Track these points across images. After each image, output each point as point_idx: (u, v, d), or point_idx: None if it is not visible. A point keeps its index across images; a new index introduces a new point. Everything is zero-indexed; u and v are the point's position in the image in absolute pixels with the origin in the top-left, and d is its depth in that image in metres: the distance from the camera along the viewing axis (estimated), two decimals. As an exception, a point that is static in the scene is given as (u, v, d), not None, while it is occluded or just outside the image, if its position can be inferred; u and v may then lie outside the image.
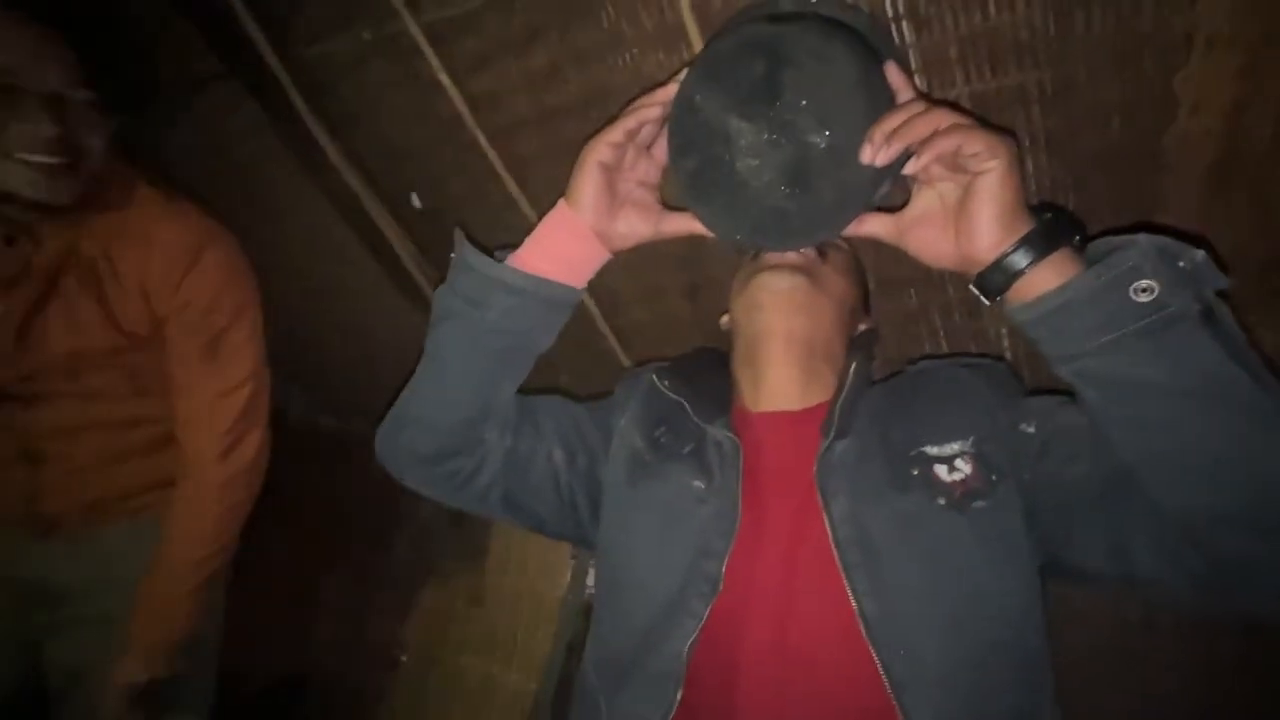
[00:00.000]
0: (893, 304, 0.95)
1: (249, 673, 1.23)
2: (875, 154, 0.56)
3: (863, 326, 0.84)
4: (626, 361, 1.23)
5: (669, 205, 0.71)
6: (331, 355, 1.66)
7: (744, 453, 0.69)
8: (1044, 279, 0.54)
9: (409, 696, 1.46)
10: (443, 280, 0.73)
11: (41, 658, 0.97)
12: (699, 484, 0.69)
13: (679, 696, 0.61)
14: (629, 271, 1.07)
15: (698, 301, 1.08)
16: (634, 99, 0.67)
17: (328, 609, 1.62)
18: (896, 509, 0.64)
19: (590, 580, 1.37)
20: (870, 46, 0.62)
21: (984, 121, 0.56)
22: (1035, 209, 0.57)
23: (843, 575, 0.62)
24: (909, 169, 0.58)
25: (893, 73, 0.61)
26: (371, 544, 1.66)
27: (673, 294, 1.09)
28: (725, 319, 0.84)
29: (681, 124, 0.63)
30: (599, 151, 0.65)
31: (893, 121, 0.56)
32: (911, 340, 0.98)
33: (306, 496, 1.43)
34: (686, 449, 0.72)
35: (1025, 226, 0.56)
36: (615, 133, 0.64)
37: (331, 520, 1.68)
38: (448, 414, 0.72)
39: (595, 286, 0.76)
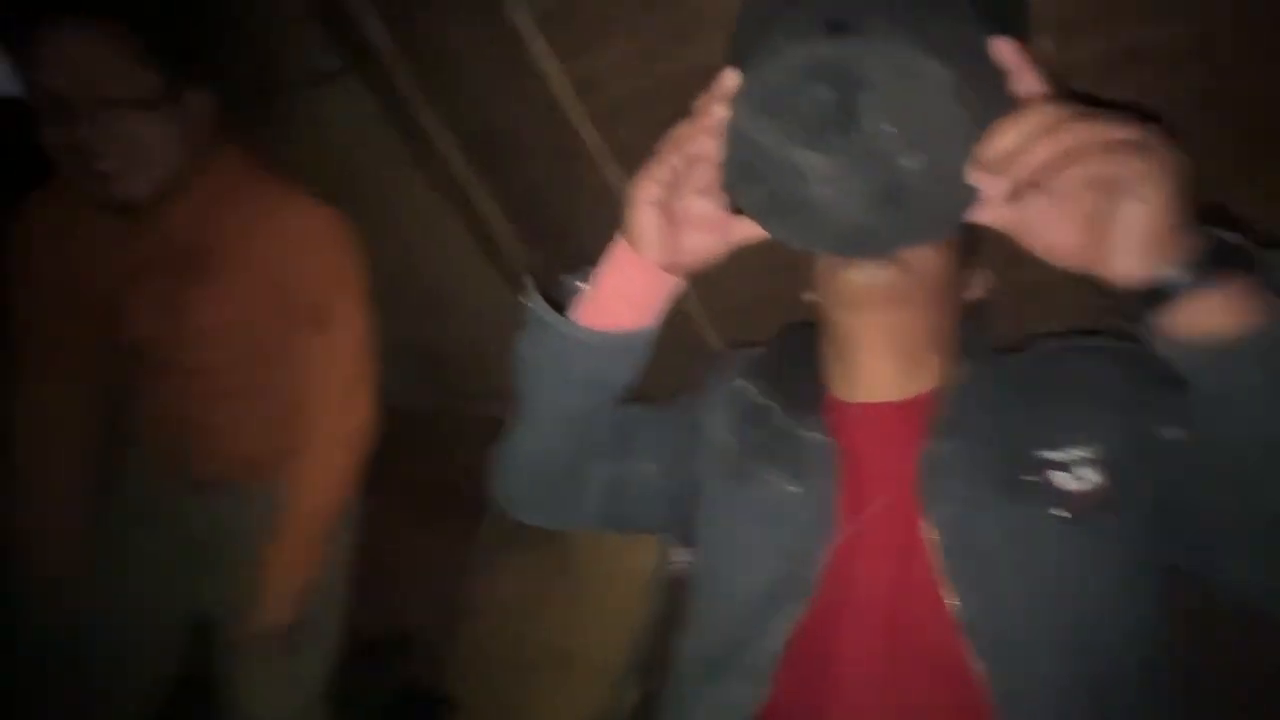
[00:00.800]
0: (1009, 276, 0.90)
1: (354, 627, 1.33)
2: (985, 180, 0.47)
3: (972, 294, 0.75)
4: (710, 335, 1.24)
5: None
6: (431, 339, 1.75)
7: (840, 452, 0.66)
8: (1209, 314, 0.45)
9: (498, 659, 1.54)
10: (538, 276, 0.74)
11: (202, 595, 1.08)
12: (793, 489, 0.67)
13: (768, 694, 0.62)
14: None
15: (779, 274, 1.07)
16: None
17: (422, 573, 1.72)
18: (1007, 518, 0.59)
19: (675, 556, 1.40)
20: (972, 13, 0.50)
21: (1133, 115, 0.44)
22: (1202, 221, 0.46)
23: (945, 588, 0.58)
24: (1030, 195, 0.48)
25: (1007, 52, 0.48)
26: (463, 514, 1.75)
27: (756, 268, 1.09)
28: (810, 295, 0.78)
29: (738, 158, 0.53)
30: (647, 191, 0.58)
31: (1006, 141, 0.44)
32: (1031, 316, 0.89)
33: (404, 469, 1.51)
34: (779, 451, 0.69)
35: (1187, 248, 0.45)
36: (662, 170, 0.57)
37: (426, 491, 1.78)
38: (548, 463, 0.73)
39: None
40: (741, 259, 1.14)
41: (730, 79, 0.52)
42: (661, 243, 0.60)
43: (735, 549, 0.70)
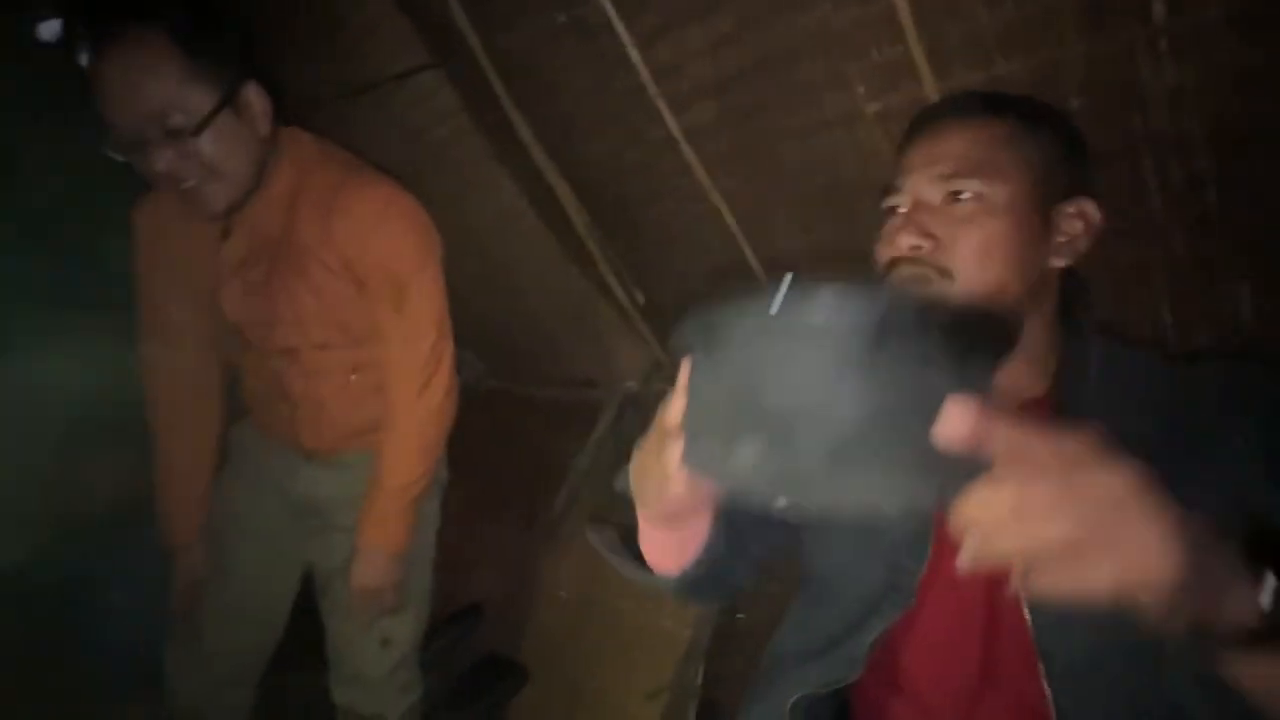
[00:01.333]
0: (1103, 254, 0.86)
1: (436, 597, 1.39)
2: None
3: (1058, 261, 0.65)
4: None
5: None
6: (503, 323, 1.82)
7: None
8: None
9: (568, 632, 1.60)
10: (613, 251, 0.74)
11: (310, 558, 1.17)
12: None
13: (855, 678, 0.65)
14: (799, 229, 1.09)
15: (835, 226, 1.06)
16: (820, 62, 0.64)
17: (496, 549, 1.79)
18: None
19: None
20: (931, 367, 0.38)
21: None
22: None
23: (1032, 632, 0.58)
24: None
25: (957, 417, 0.36)
26: (534, 493, 1.82)
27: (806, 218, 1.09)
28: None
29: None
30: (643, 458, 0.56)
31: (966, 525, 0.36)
32: (1130, 302, 0.87)
33: (476, 448, 1.57)
34: None
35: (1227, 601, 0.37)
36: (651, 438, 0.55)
37: (497, 471, 1.85)
38: (696, 593, 0.73)
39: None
40: (790, 209, 1.16)
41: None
42: (659, 499, 0.55)
43: (837, 560, 0.71)
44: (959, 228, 0.62)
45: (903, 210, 0.66)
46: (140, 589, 1.10)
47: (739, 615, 1.38)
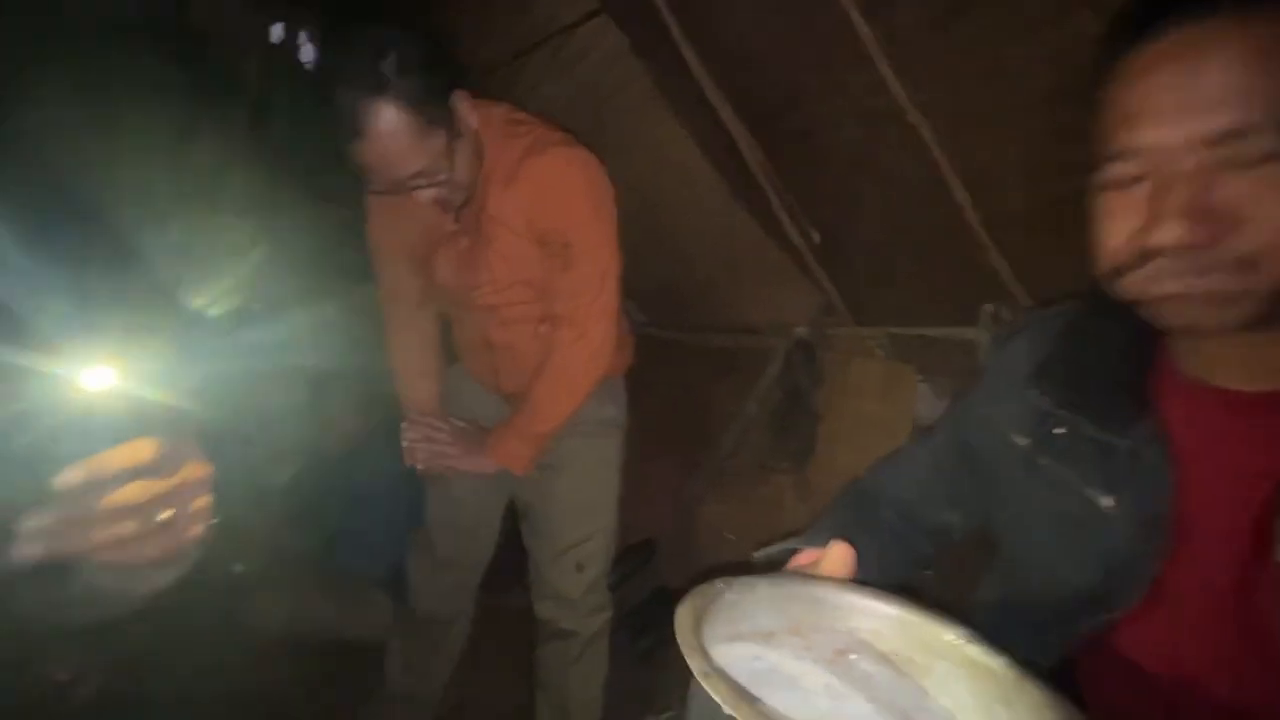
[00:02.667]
0: None
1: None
2: None
3: None
4: (993, 254, 1.14)
5: None
6: (666, 272, 1.84)
7: (1170, 460, 0.53)
8: None
9: (742, 574, 1.63)
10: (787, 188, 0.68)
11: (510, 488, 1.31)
12: (1107, 501, 0.57)
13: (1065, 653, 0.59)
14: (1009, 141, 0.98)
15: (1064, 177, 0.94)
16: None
17: (665, 491, 1.86)
18: None
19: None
20: None
21: None
22: None
23: None
24: None
25: None
26: (700, 439, 1.85)
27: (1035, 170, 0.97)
28: None
29: None
30: None
31: None
32: None
33: (643, 395, 1.62)
34: (1087, 455, 0.58)
35: None
36: None
37: (664, 417, 1.89)
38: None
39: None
40: (1017, 161, 1.04)
41: None
42: None
43: (1043, 543, 0.63)
44: (1263, 195, 0.44)
45: (1146, 179, 0.47)
46: (378, 506, 1.28)
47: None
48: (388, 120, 0.93)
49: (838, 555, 0.52)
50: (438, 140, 0.99)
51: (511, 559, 1.34)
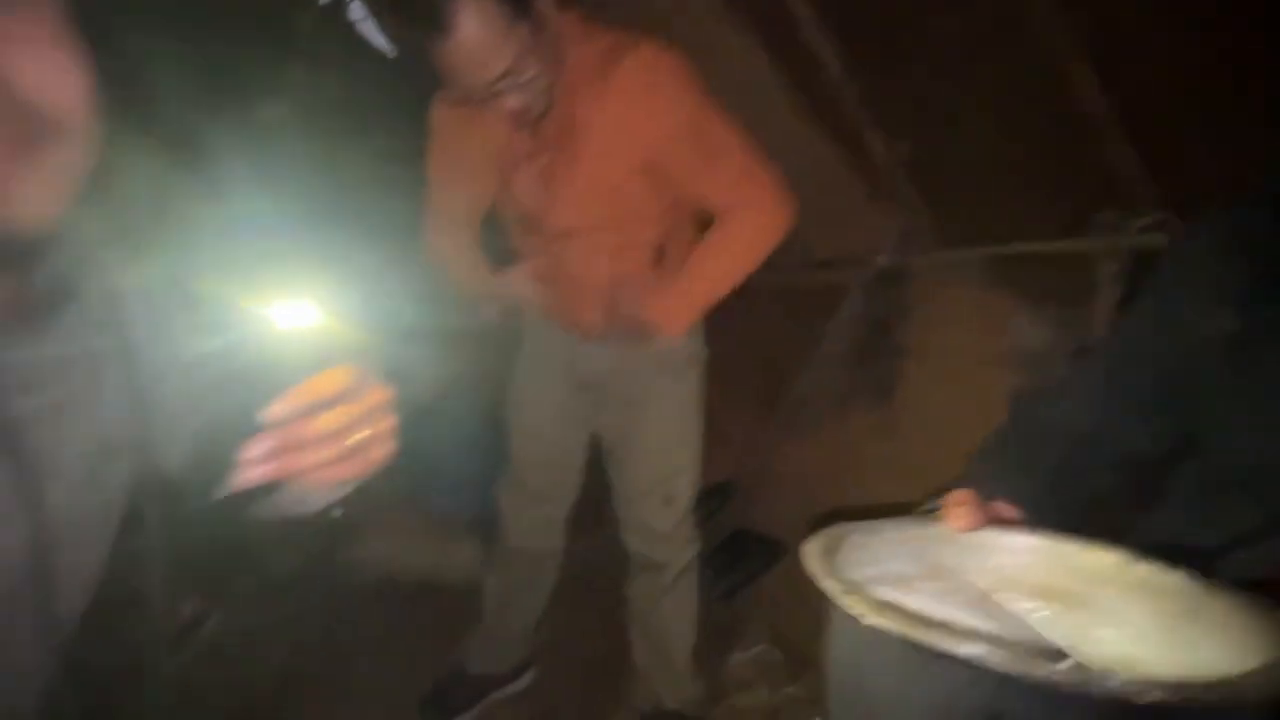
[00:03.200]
0: None
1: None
2: None
3: None
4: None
5: None
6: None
7: None
8: None
9: (824, 517, 1.59)
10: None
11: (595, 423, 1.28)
12: None
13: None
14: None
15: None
16: None
17: (738, 434, 1.82)
18: None
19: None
20: None
21: None
22: None
23: None
24: None
25: None
26: (774, 380, 1.79)
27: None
28: None
29: None
30: None
31: None
32: None
33: (713, 337, 1.57)
34: None
35: None
36: None
37: (737, 358, 1.84)
38: None
39: None
40: (1150, 29, 0.89)
41: None
42: None
43: (1242, 445, 0.57)
44: None
45: None
46: (464, 450, 1.29)
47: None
48: (472, 12, 0.88)
49: (960, 498, 0.48)
50: (523, 35, 0.92)
51: (591, 500, 1.34)
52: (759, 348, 1.82)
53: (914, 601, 0.45)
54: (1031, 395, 0.71)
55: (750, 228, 1.08)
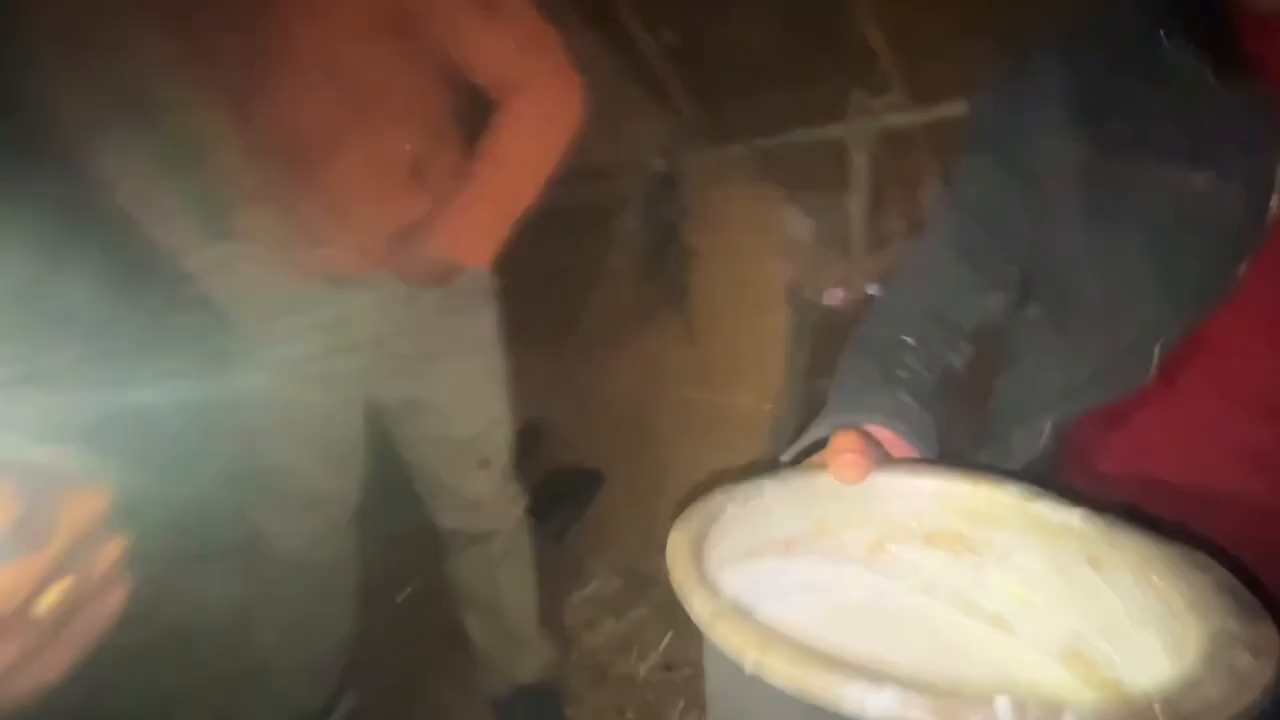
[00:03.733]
0: None
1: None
2: None
3: None
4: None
5: None
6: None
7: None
8: None
9: (637, 434, 1.55)
10: None
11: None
12: (1202, 178, 0.51)
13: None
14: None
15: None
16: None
17: (537, 368, 1.69)
18: None
19: (825, 296, 1.32)
20: None
21: None
22: None
23: None
24: None
25: None
26: (565, 305, 1.68)
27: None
28: None
29: None
30: None
31: None
32: None
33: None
34: (1170, 134, 0.53)
35: None
36: None
37: (521, 290, 1.68)
38: None
39: None
40: None
41: None
42: None
43: (1095, 285, 0.57)
44: None
45: None
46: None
47: (820, 381, 1.33)
48: None
49: (843, 444, 0.43)
50: None
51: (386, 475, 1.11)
52: (542, 270, 1.69)
53: (801, 567, 0.42)
54: (880, 296, 0.68)
55: (546, 109, 0.88)
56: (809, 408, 1.35)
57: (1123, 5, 0.57)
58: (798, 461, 0.52)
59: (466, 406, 1.03)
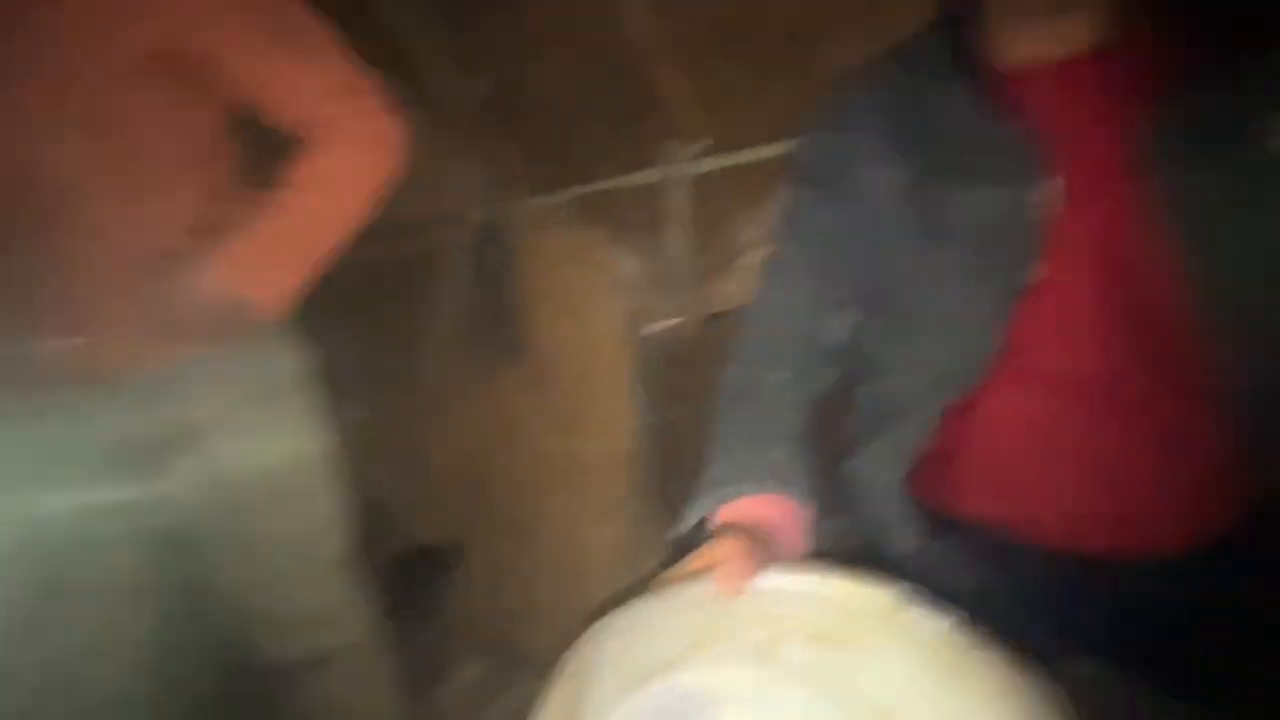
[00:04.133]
0: None
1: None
2: None
3: None
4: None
5: None
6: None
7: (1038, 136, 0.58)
8: None
9: (491, 490, 1.45)
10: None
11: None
12: (995, 195, 0.60)
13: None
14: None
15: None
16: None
17: (381, 433, 1.52)
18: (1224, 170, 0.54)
19: (661, 325, 1.36)
20: None
21: None
22: None
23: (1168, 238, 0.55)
24: None
25: None
26: (394, 365, 1.55)
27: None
28: None
29: None
30: None
31: None
32: None
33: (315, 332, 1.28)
34: (964, 159, 0.62)
35: None
36: None
37: (349, 352, 1.53)
38: None
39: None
40: None
41: None
42: None
43: (928, 293, 0.63)
44: None
45: None
46: None
47: (673, 412, 1.35)
48: None
49: (724, 553, 0.45)
50: None
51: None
52: (363, 333, 1.54)
53: (687, 679, 0.42)
54: (744, 332, 0.70)
55: (360, 144, 0.78)
56: (665, 442, 1.37)
57: (913, 56, 0.66)
58: (684, 540, 0.53)
59: (288, 500, 0.88)
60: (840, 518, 0.66)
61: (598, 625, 0.42)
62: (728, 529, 0.49)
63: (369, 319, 1.57)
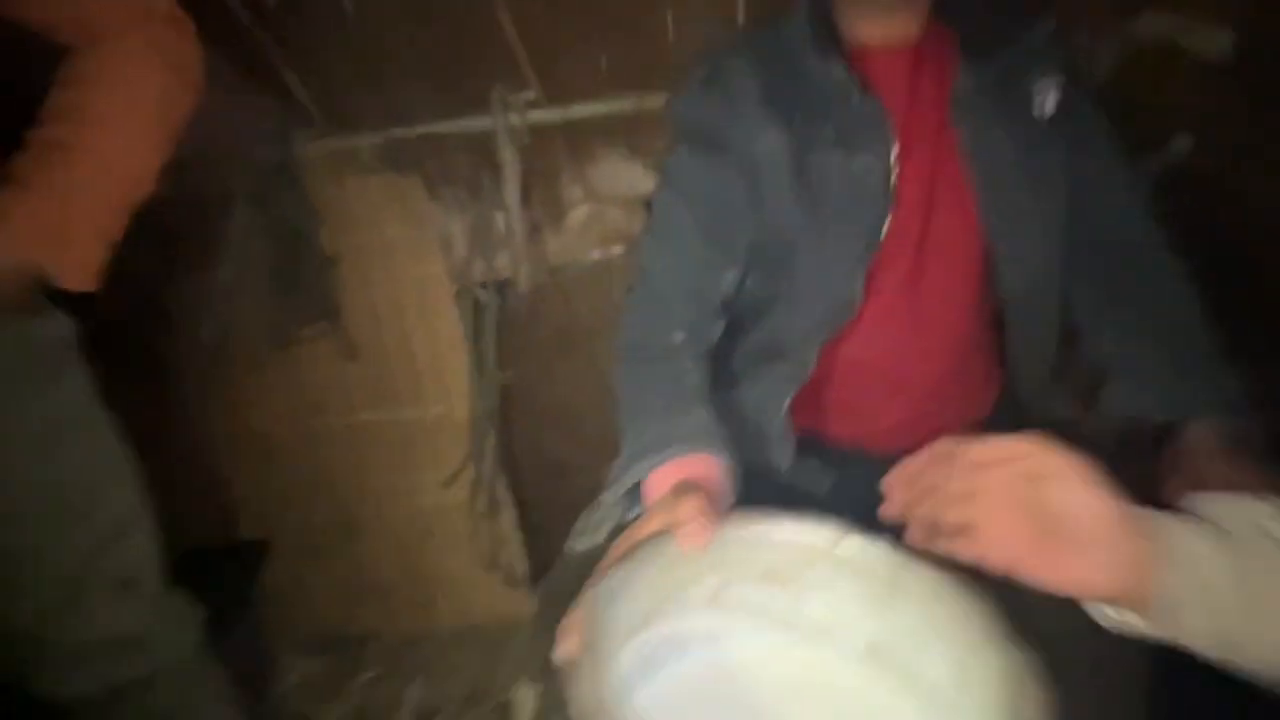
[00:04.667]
0: None
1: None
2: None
3: None
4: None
5: None
6: None
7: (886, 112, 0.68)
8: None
9: (306, 480, 1.30)
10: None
11: None
12: (857, 160, 0.70)
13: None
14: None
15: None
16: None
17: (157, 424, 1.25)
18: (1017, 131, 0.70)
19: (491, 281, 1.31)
20: None
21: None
22: None
23: (971, 192, 0.70)
24: None
25: None
26: (173, 331, 1.28)
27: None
28: None
29: None
30: None
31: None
32: None
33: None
34: (832, 130, 0.69)
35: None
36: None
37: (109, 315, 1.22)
38: None
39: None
40: None
41: None
42: None
43: (812, 239, 0.70)
44: None
45: None
46: None
47: (507, 372, 1.32)
48: None
49: (685, 514, 0.48)
50: None
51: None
52: (131, 292, 1.24)
53: (657, 631, 0.46)
54: (633, 298, 0.72)
55: (154, 52, 0.64)
56: (505, 404, 1.33)
57: (784, 31, 0.72)
58: (621, 502, 0.57)
59: (72, 509, 0.72)
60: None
61: (593, 592, 0.44)
62: (683, 489, 0.51)
63: (140, 274, 1.27)
